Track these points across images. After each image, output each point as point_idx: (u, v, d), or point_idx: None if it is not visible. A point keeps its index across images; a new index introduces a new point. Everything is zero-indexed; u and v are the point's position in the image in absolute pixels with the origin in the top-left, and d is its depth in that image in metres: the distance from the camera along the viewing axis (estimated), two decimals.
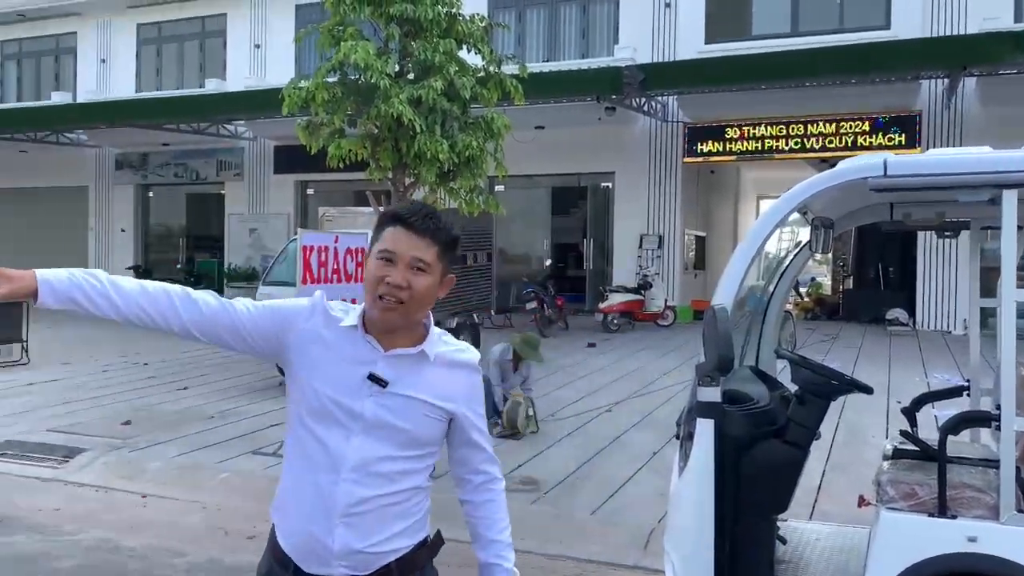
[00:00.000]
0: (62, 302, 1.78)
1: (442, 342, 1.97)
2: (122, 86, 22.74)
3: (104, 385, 9.99)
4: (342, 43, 7.10)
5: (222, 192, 22.21)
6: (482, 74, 8.08)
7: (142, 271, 21.38)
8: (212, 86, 20.74)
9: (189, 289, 1.90)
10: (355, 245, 7.47)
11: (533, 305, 14.85)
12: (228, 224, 21.68)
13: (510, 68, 8.31)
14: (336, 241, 7.25)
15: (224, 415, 8.39)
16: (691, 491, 3.15)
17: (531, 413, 7.63)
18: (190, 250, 23.18)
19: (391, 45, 7.77)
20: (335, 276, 7.17)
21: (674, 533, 3.38)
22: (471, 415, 1.99)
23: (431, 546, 2.01)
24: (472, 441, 2.01)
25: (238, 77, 20.87)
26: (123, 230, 23.38)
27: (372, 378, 1.85)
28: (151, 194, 23.84)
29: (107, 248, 23.42)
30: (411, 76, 7.83)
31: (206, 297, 1.89)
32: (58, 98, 22.52)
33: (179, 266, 21.88)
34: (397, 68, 7.67)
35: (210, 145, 21.47)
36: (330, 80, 7.47)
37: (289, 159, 19.38)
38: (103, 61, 23.34)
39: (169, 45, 22.91)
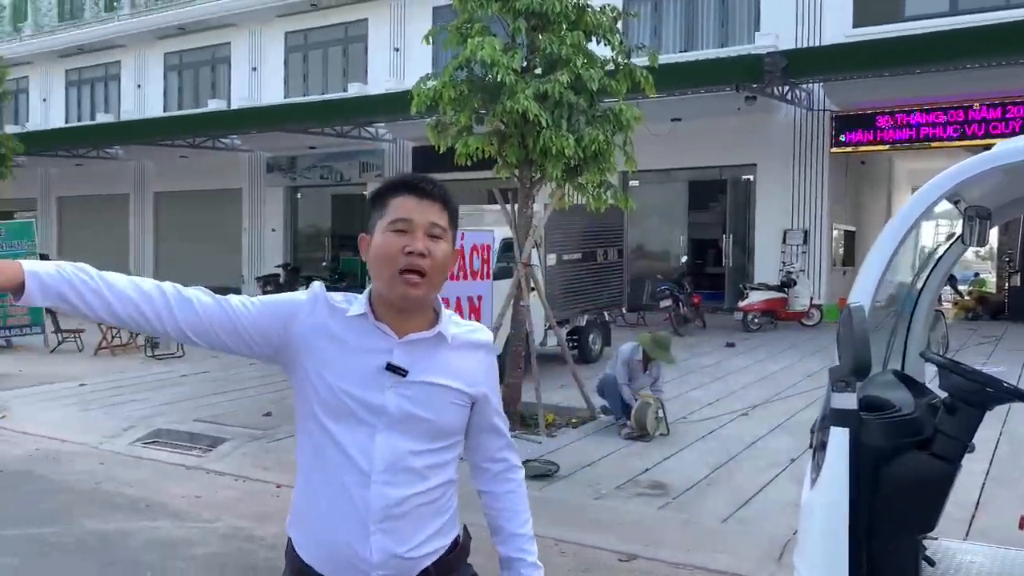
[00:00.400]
0: (51, 299, 1.59)
1: (454, 322, 1.82)
2: (272, 92, 23.85)
3: (250, 377, 10.44)
4: (468, 40, 7.08)
5: (364, 192, 22.92)
6: (611, 66, 7.89)
7: (291, 268, 22.39)
8: (354, 90, 21.42)
9: (179, 286, 1.73)
10: (480, 242, 7.44)
11: (667, 303, 14.48)
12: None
13: (641, 59, 8.07)
14: (462, 238, 7.23)
15: None
16: (823, 505, 2.88)
17: (661, 415, 7.39)
18: (335, 248, 24.04)
19: (518, 40, 7.69)
20: (460, 273, 7.16)
21: (804, 549, 3.12)
22: (492, 398, 1.87)
23: (463, 546, 1.88)
24: (492, 426, 1.89)
25: (379, 81, 21.47)
26: (273, 230, 24.55)
27: (390, 368, 1.71)
28: (299, 195, 24.92)
29: (259, 247, 24.67)
30: (538, 71, 7.73)
31: (199, 295, 1.72)
32: (214, 106, 23.87)
33: (324, 264, 22.74)
34: (524, 63, 7.60)
35: (353, 147, 22.20)
36: (458, 78, 7.47)
37: (426, 159, 19.66)
38: (254, 69, 24.57)
39: (314, 52, 23.84)
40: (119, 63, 27.75)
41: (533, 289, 8.39)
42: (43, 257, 20.52)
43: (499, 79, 7.08)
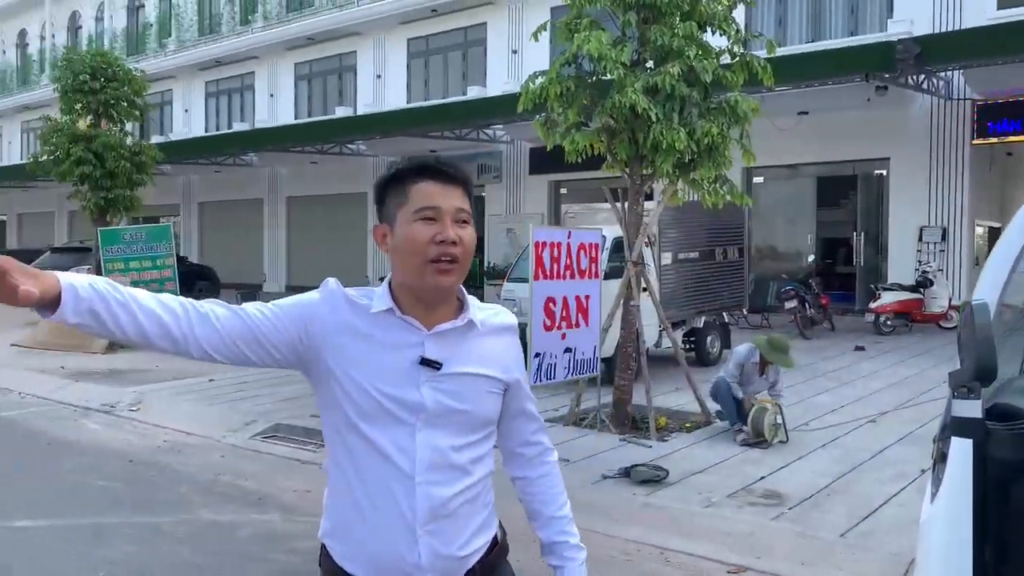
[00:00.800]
0: (82, 314, 1.46)
1: (479, 307, 1.75)
2: (395, 98, 24.42)
3: None
4: (575, 35, 6.96)
5: (483, 194, 23.13)
6: (726, 56, 7.60)
7: None
8: (474, 93, 21.66)
9: (195, 302, 1.62)
10: (588, 240, 7.29)
11: (792, 304, 13.88)
12: (488, 225, 22.54)
13: (762, 51, 7.73)
14: (569, 236, 7.12)
15: None
16: (942, 522, 2.60)
17: (779, 420, 7.04)
18: None
19: (628, 33, 7.52)
20: (567, 272, 7.03)
21: (922, 570, 2.84)
22: (523, 382, 1.82)
23: (503, 544, 1.84)
24: (525, 410, 1.85)
25: (497, 83, 21.63)
26: None
27: (424, 362, 1.63)
28: None
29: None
30: (650, 64, 7.52)
31: (214, 307, 1.61)
32: (341, 112, 24.65)
33: None
34: (635, 56, 7.41)
35: (472, 150, 22.43)
36: (565, 74, 7.36)
37: (543, 160, 19.72)
38: (378, 76, 25.22)
39: (435, 57, 24.26)
40: (253, 74, 29.09)
41: (645, 289, 8.19)
42: (180, 260, 21.72)
43: (607, 73, 6.92)
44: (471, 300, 1.73)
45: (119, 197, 13.95)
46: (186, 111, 31.57)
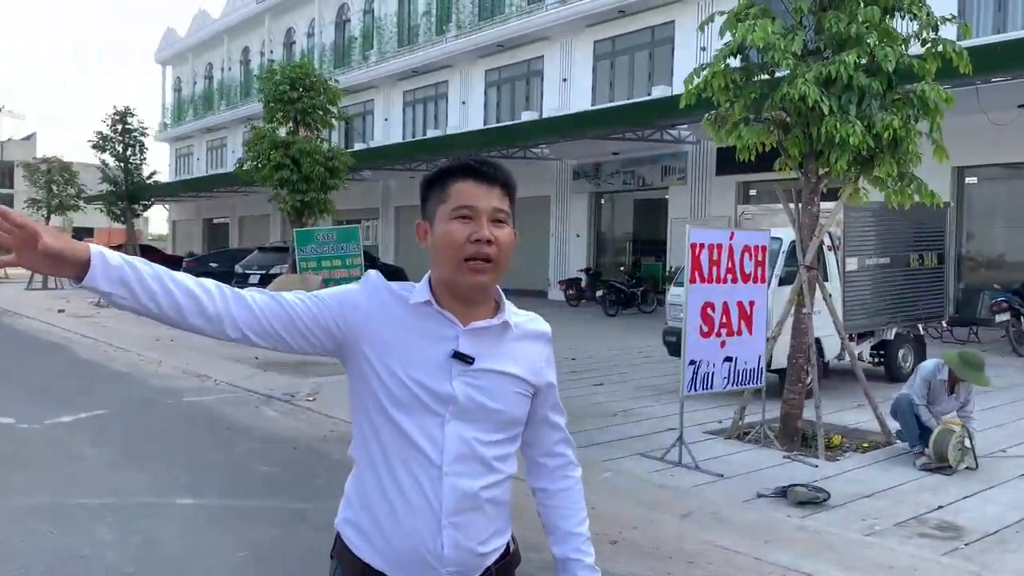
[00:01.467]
0: (112, 282, 1.47)
1: (515, 311, 1.77)
2: (580, 101, 24.44)
3: None
4: (739, 24, 6.58)
5: (666, 197, 22.67)
6: (916, 45, 6.92)
7: (592, 273, 22.78)
8: (659, 93, 21.25)
9: (234, 289, 1.63)
10: (753, 243, 6.85)
11: (1004, 317, 12.51)
12: (671, 228, 22.04)
13: (950, 32, 6.99)
14: (731, 238, 6.73)
15: (627, 414, 8.39)
16: None
17: (967, 444, 6.31)
18: (636, 254, 24.05)
19: (805, 21, 7.02)
20: (728, 275, 6.65)
21: None
22: (553, 390, 1.82)
23: (516, 551, 1.82)
24: (550, 419, 1.84)
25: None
26: (578, 235, 25.15)
27: (457, 356, 1.64)
28: (603, 201, 25.28)
29: (564, 252, 25.41)
30: (827, 53, 6.99)
31: (252, 292, 1.64)
32: (526, 117, 24.99)
33: (622, 268, 22.82)
34: (813, 45, 6.91)
35: (656, 151, 22.05)
36: (732, 66, 6.99)
37: (730, 160, 18.91)
38: (564, 80, 25.36)
39: (621, 58, 24.05)
40: (447, 83, 30.14)
41: (829, 296, 7.64)
42: (372, 260, 22.78)
43: (775, 64, 6.50)
44: (508, 304, 1.75)
45: (314, 200, 14.85)
46: (385, 120, 33.22)
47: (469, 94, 29.00)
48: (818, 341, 9.15)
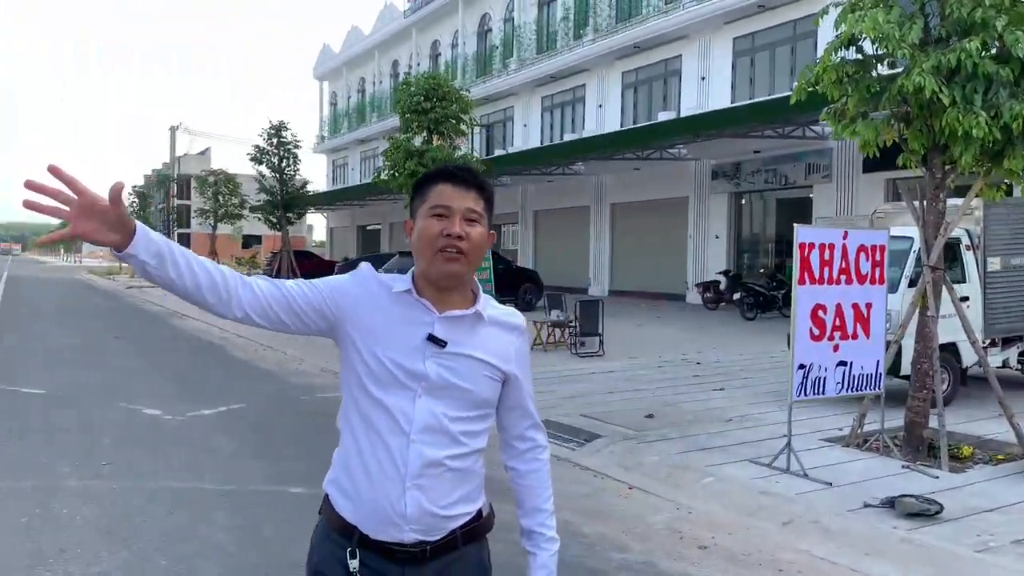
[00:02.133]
0: (151, 254, 1.67)
1: (491, 305, 1.94)
2: (719, 99, 23.91)
3: (652, 379, 10.59)
4: (848, 15, 6.31)
5: (810, 195, 21.81)
6: None
7: (731, 275, 22.21)
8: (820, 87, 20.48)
9: (239, 274, 1.84)
10: (870, 242, 6.53)
11: None
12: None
13: None
14: (845, 237, 6.44)
15: (743, 419, 8.19)
16: None
17: None
18: (779, 255, 23.28)
19: (928, 8, 6.64)
20: (842, 276, 6.37)
21: None
22: (522, 379, 1.98)
23: (487, 520, 1.98)
24: (521, 406, 2.01)
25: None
26: (717, 236, 24.60)
27: (431, 339, 1.84)
28: (743, 201, 24.61)
29: (703, 254, 24.91)
30: (953, 41, 6.58)
31: (257, 280, 1.86)
32: (664, 117, 24.69)
33: (762, 271, 22.10)
34: (936, 33, 6.53)
35: (799, 148, 21.27)
36: (847, 59, 6.71)
37: (880, 156, 18.12)
38: (703, 78, 24.89)
39: (761, 54, 23.36)
40: (584, 86, 30.22)
41: (964, 299, 7.21)
42: (507, 263, 23.13)
43: (893, 55, 6.19)
44: (485, 297, 1.93)
45: None
46: (524, 125, 33.67)
47: (606, 97, 28.96)
48: (954, 346, 8.63)
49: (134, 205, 47.17)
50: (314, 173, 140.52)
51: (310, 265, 39.18)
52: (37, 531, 4.92)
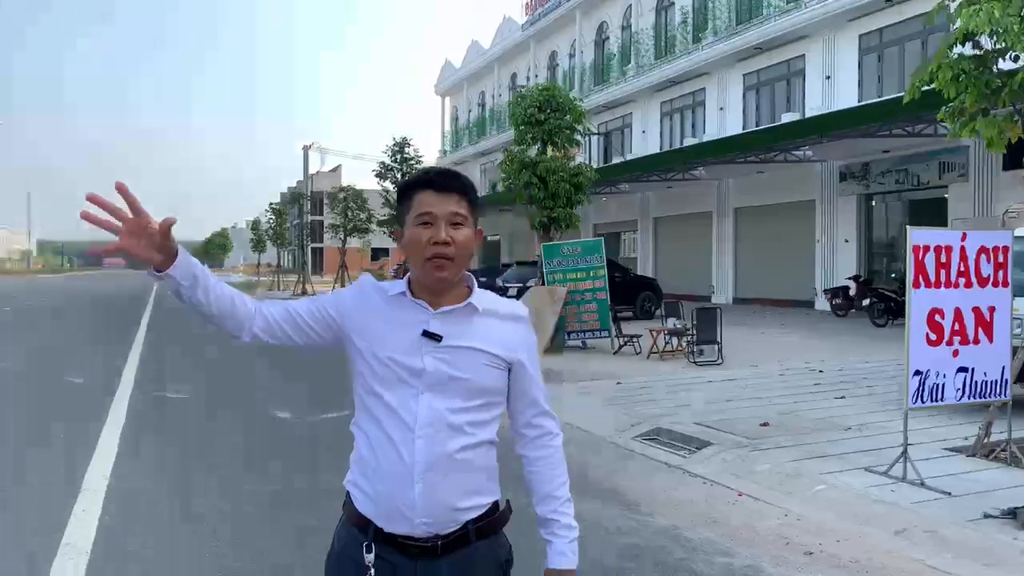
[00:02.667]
0: (187, 276, 1.84)
1: (489, 298, 2.00)
2: (845, 99, 23.13)
3: (771, 388, 10.41)
4: (964, 10, 6.09)
5: (945, 196, 20.76)
6: None
7: (862, 281, 21.38)
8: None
9: (250, 299, 2.02)
10: (992, 243, 6.25)
11: None
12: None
13: None
14: (964, 239, 6.20)
15: (862, 428, 7.97)
16: None
17: None
18: None
19: None
20: (960, 279, 6.13)
21: None
22: (527, 366, 2.01)
23: (503, 513, 2.02)
24: (526, 393, 2.04)
25: None
26: (846, 240, 23.74)
27: (426, 334, 1.91)
28: (873, 203, 23.65)
29: (831, 259, 24.10)
30: None
31: (267, 305, 2.01)
32: (787, 119, 24.06)
33: (894, 276, 21.16)
34: None
35: (932, 147, 20.30)
36: (963, 55, 6.47)
37: (1015, 156, 17.08)
38: (828, 77, 24.14)
39: (890, 50, 22.45)
40: (704, 90, 29.82)
41: None
42: (625, 271, 23.06)
43: (1010, 48, 5.94)
44: (479, 291, 1.99)
45: (560, 215, 15.47)
46: (643, 132, 33.50)
47: (727, 99, 28.49)
48: None
49: (271, 221, 49.58)
50: None
51: None
52: (177, 523, 5.39)
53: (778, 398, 9.65)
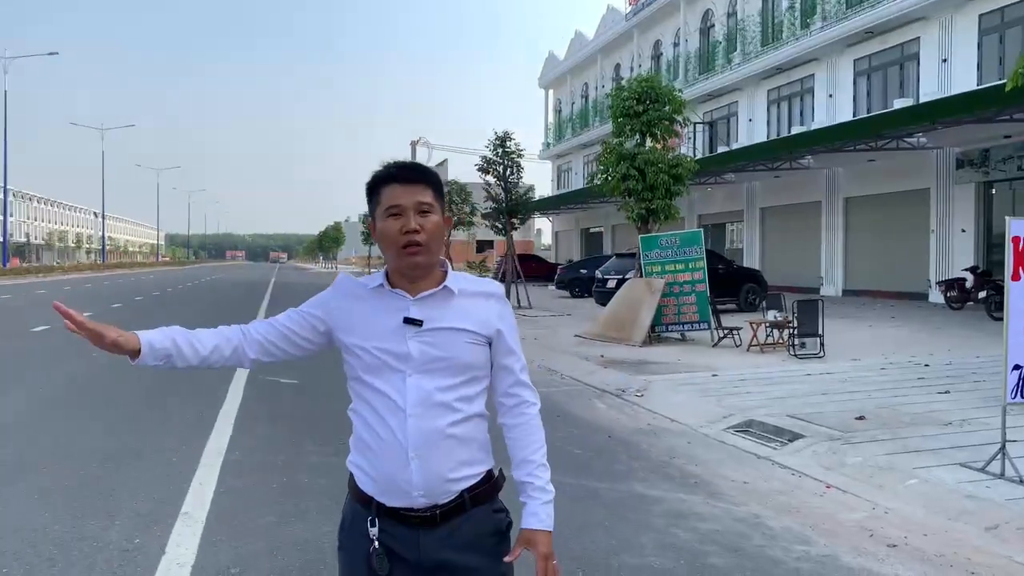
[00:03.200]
0: (157, 360, 2.05)
1: (464, 279, 2.12)
2: (963, 82, 22.12)
3: (872, 382, 10.19)
4: None
5: None
6: None
7: (980, 272, 20.44)
8: None
9: (243, 327, 2.18)
10: None
11: None
12: None
13: None
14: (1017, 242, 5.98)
15: (963, 423, 7.75)
16: None
17: None
18: None
19: None
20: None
21: None
22: (506, 338, 2.12)
23: (495, 481, 2.13)
24: (502, 364, 2.14)
25: None
26: (963, 230, 22.72)
27: (407, 321, 2.04)
28: (993, 191, 22.54)
29: (947, 250, 23.11)
30: None
31: (254, 326, 2.18)
32: (900, 104, 23.17)
33: None
34: None
35: None
36: None
37: None
38: (944, 60, 23.13)
39: (1013, 30, 21.33)
40: (812, 76, 29.02)
41: None
42: (728, 263, 22.75)
43: None
44: (454, 274, 2.12)
45: (658, 207, 15.43)
46: (749, 120, 32.85)
47: (836, 86, 27.65)
48: None
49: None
50: (540, 179, 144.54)
51: (533, 268, 40.61)
52: (284, 496, 5.80)
53: (877, 392, 9.45)
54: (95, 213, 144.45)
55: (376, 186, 2.10)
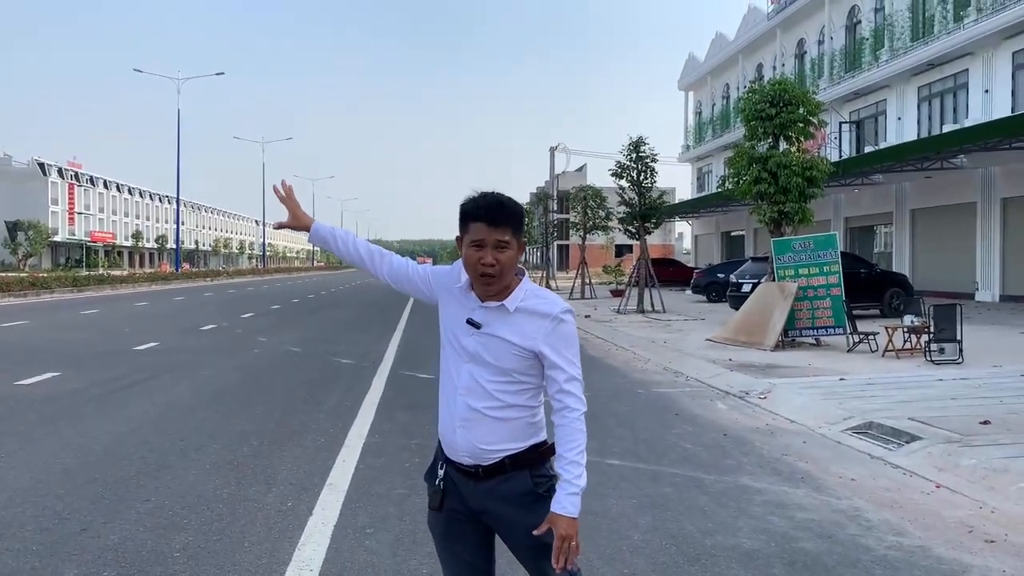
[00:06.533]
0: (317, 240, 2.81)
1: (532, 296, 2.50)
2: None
3: (1007, 388, 9.91)
4: None
5: None
6: None
7: None
8: None
9: (389, 253, 2.77)
10: None
11: None
12: None
13: None
14: None
15: None
16: None
17: None
18: None
19: None
20: None
21: None
22: (549, 352, 2.45)
23: (539, 452, 2.53)
24: (549, 375, 2.49)
25: None
26: None
27: (469, 322, 2.50)
28: None
29: None
30: None
31: (393, 256, 2.77)
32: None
33: None
34: None
35: None
36: None
37: None
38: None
39: None
40: (966, 71, 27.65)
41: None
42: (870, 267, 22.08)
43: None
44: (522, 292, 2.50)
45: (792, 210, 15.32)
46: (899, 118, 31.58)
47: (993, 81, 26.23)
48: None
49: None
50: (681, 182, 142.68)
51: (671, 272, 40.38)
52: (414, 472, 6.45)
53: (1011, 398, 9.21)
54: (256, 221, 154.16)
55: (467, 219, 2.50)
